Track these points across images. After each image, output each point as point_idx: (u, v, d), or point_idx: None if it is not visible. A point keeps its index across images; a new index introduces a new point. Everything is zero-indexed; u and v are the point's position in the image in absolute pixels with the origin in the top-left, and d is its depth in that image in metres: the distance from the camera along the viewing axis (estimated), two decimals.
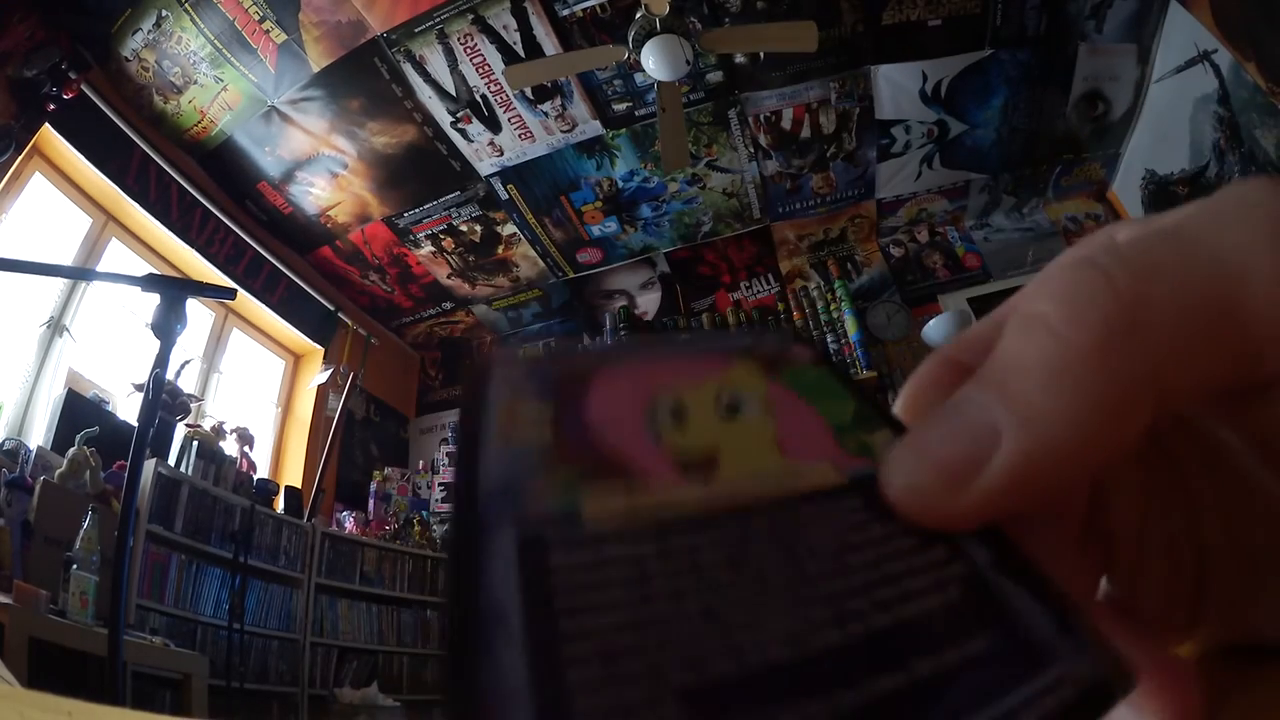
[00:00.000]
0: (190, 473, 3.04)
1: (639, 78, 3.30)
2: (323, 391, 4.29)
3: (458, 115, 3.48)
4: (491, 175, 3.85)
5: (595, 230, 4.32)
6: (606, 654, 0.11)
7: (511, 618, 0.11)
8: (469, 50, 3.16)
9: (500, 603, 0.11)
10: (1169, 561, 0.16)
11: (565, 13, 3.00)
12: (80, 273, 2.92)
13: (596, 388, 0.16)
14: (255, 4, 2.92)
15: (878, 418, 0.17)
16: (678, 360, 0.18)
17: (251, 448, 3.63)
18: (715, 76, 3.41)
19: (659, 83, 2.94)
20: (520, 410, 0.15)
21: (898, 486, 0.14)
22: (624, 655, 0.11)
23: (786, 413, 0.16)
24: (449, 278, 4.62)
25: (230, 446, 3.48)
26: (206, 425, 3.42)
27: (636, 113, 3.56)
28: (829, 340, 4.19)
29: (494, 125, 3.55)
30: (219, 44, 3.07)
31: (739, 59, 3.32)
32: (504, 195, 3.98)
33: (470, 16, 3.01)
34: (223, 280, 3.64)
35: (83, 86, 2.94)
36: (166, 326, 1.26)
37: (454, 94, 3.37)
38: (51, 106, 2.84)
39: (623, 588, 0.12)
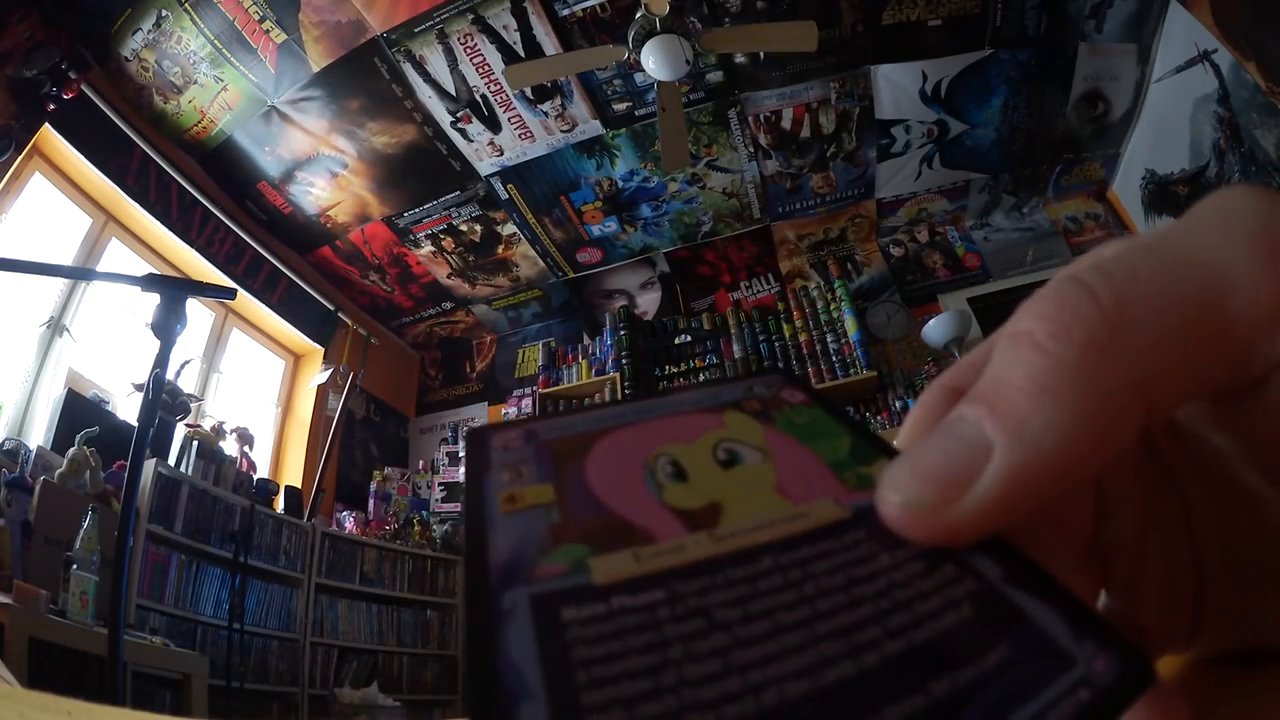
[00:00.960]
0: (190, 473, 3.04)
1: (639, 77, 3.30)
2: (323, 391, 4.29)
3: (458, 115, 3.48)
4: (491, 175, 3.85)
5: (595, 230, 4.32)
6: (626, 702, 0.11)
7: (530, 674, 0.11)
8: (469, 50, 3.16)
9: (518, 662, 0.12)
10: (1167, 572, 0.16)
11: (565, 12, 3.00)
12: (80, 273, 2.92)
13: (594, 459, 0.17)
14: (255, 4, 2.91)
15: (873, 448, 0.17)
16: (670, 420, 0.19)
17: (251, 448, 3.63)
18: (715, 76, 3.41)
19: (659, 82, 2.94)
20: (522, 496, 0.16)
21: (893, 504, 0.14)
22: (642, 701, 0.11)
23: (784, 456, 0.17)
24: (449, 277, 4.61)
25: (230, 446, 3.48)
26: (206, 425, 3.42)
27: (636, 112, 3.56)
28: (829, 340, 4.19)
29: (494, 125, 3.55)
30: (219, 44, 3.07)
31: (739, 59, 3.32)
32: (504, 195, 3.98)
33: (470, 16, 3.01)
34: (223, 280, 3.64)
35: (83, 86, 2.94)
36: (166, 326, 1.26)
37: (454, 94, 3.37)
38: (51, 106, 2.84)
39: (636, 635, 0.12)
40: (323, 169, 3.74)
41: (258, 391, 4.23)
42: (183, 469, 3.03)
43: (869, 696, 0.11)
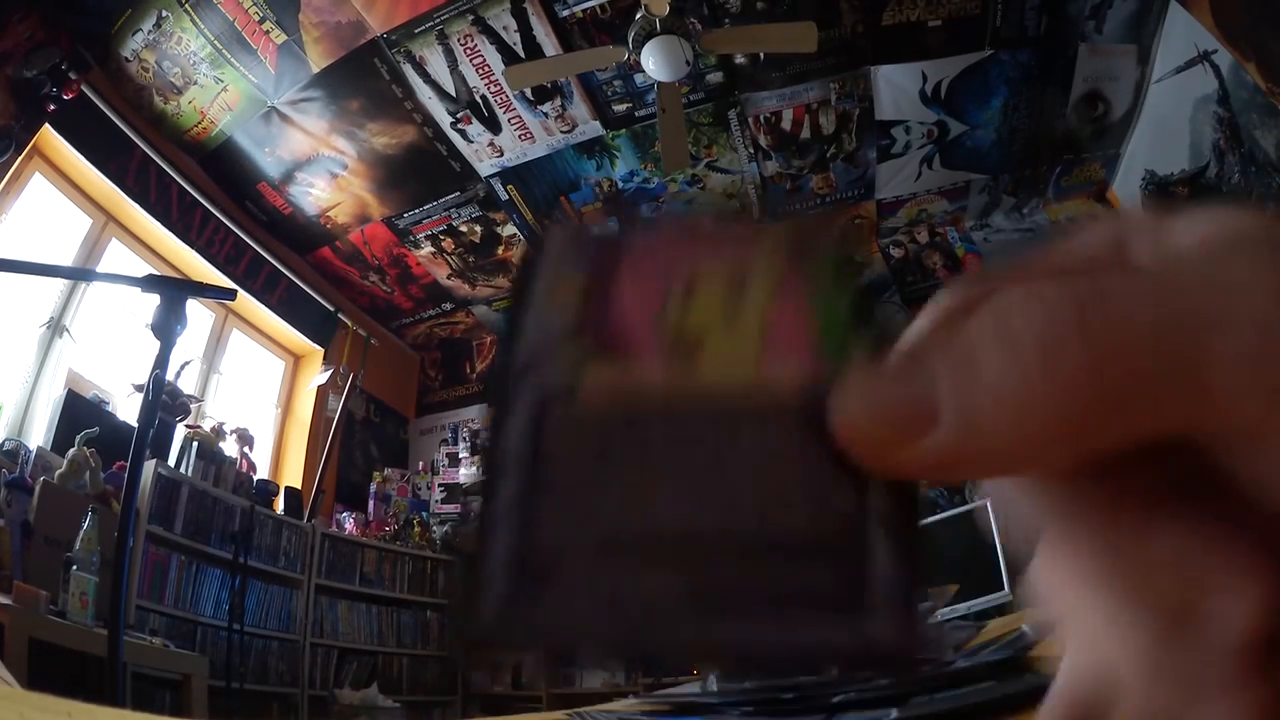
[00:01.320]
0: (190, 473, 3.04)
1: (639, 78, 3.30)
2: (322, 392, 4.29)
3: (458, 116, 3.48)
4: (491, 176, 3.85)
5: None
6: (569, 491, 0.15)
7: (519, 454, 0.15)
8: (469, 51, 3.17)
9: (514, 441, 0.15)
10: None
11: (565, 13, 3.01)
12: (80, 273, 2.93)
13: (630, 263, 0.17)
14: (255, 4, 2.92)
15: (868, 328, 0.17)
16: (720, 235, 0.18)
17: (251, 448, 3.63)
18: (715, 77, 3.41)
19: (659, 83, 2.94)
20: (562, 279, 0.17)
21: (841, 417, 0.14)
22: (582, 494, 0.15)
23: (786, 303, 0.17)
24: (449, 278, 4.62)
25: (230, 447, 3.48)
26: (206, 426, 3.42)
27: (636, 113, 3.56)
28: None
29: (494, 126, 3.55)
30: (219, 44, 3.07)
31: (739, 60, 3.32)
32: (504, 196, 3.98)
33: (470, 17, 3.01)
34: (223, 281, 3.64)
35: (83, 87, 2.94)
36: (166, 327, 1.26)
37: (454, 94, 3.37)
38: (51, 107, 2.84)
39: (590, 448, 0.15)
40: (323, 170, 3.74)
41: (257, 392, 4.23)
42: (183, 470, 3.03)
43: (717, 555, 0.14)
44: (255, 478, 3.56)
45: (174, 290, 1.29)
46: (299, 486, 3.89)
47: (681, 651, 0.14)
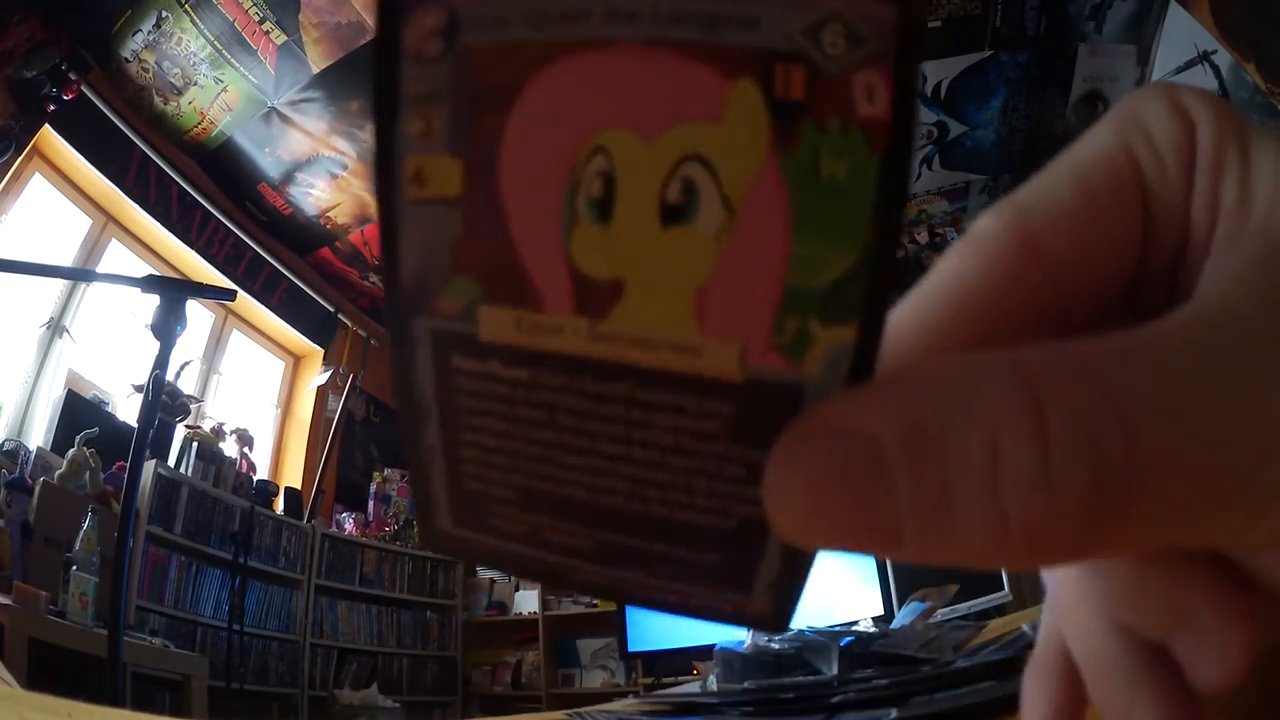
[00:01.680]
0: (190, 474, 3.04)
1: None
2: (322, 392, 4.29)
3: None
4: None
5: None
6: (485, 449, 0.14)
7: (429, 403, 0.14)
8: None
9: (423, 389, 0.14)
10: None
11: None
12: (80, 274, 2.92)
13: (518, 124, 0.12)
14: (255, 5, 2.92)
15: (861, 302, 0.12)
16: (657, 55, 0.11)
17: (251, 449, 3.63)
18: None
19: None
20: (430, 176, 0.13)
21: (778, 499, 0.12)
22: (493, 453, 0.14)
23: (749, 235, 0.12)
24: None
25: (230, 447, 3.48)
26: (206, 426, 3.42)
27: None
28: None
29: None
30: (219, 45, 3.07)
31: None
32: None
33: None
34: (222, 281, 3.64)
35: (83, 87, 2.94)
36: (166, 327, 1.26)
37: None
38: (51, 107, 2.84)
39: (497, 403, 0.14)
40: (323, 170, 3.74)
41: (257, 393, 4.23)
42: (182, 470, 3.03)
43: (619, 523, 0.14)
44: (255, 478, 3.56)
45: (174, 291, 1.29)
46: (299, 487, 3.89)
47: (591, 590, 0.16)
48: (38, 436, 2.69)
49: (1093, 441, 0.10)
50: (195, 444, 3.15)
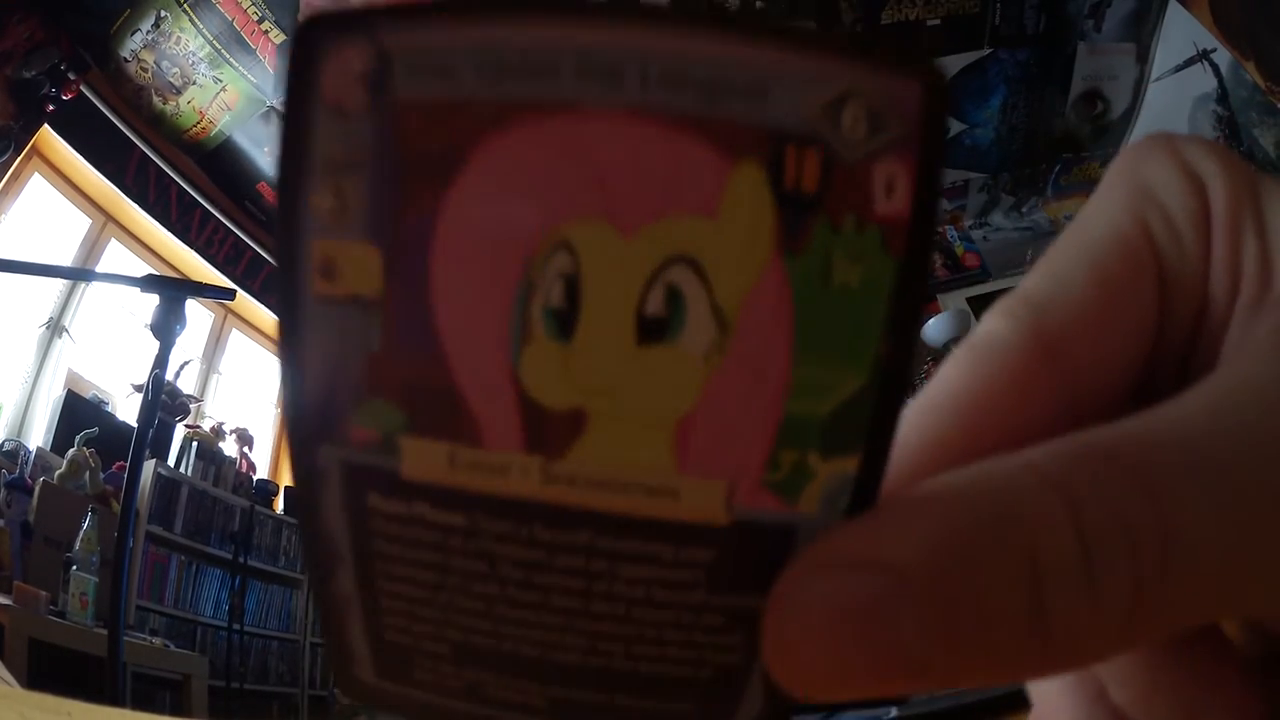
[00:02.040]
0: (190, 473, 3.04)
1: None
2: None
3: None
4: None
5: None
6: (409, 599, 0.12)
7: (342, 547, 0.12)
8: None
9: (332, 530, 0.11)
10: None
11: None
12: (79, 273, 2.92)
13: (453, 209, 0.10)
14: (254, 4, 2.91)
15: (866, 429, 0.10)
16: (638, 128, 0.09)
17: (251, 448, 3.63)
18: None
19: None
20: (341, 266, 0.10)
21: (781, 647, 0.10)
22: (420, 605, 0.12)
23: (746, 353, 0.10)
24: None
25: (230, 447, 3.48)
26: (206, 426, 3.42)
27: None
28: None
29: None
30: (218, 45, 3.07)
31: None
32: None
33: None
34: (222, 281, 3.64)
35: (82, 87, 2.94)
36: (166, 327, 1.26)
37: None
38: (51, 107, 2.84)
39: (427, 551, 0.11)
40: None
41: (257, 392, 4.23)
42: (182, 470, 3.03)
43: (576, 678, 0.12)
44: (255, 477, 3.55)
45: (173, 290, 1.29)
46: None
47: None
48: (37, 436, 2.68)
49: (1128, 529, 0.10)
50: (195, 444, 3.15)
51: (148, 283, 1.30)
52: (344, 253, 0.10)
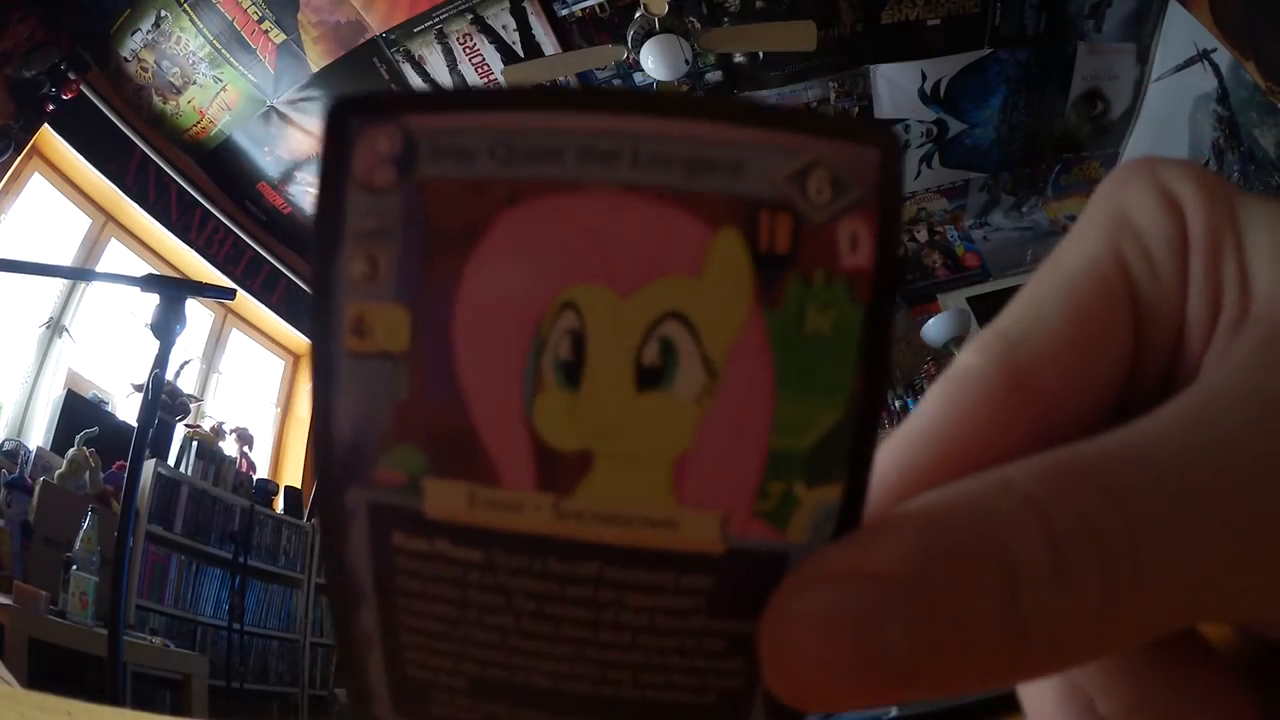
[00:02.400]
0: (190, 473, 3.04)
1: (638, 77, 3.29)
2: None
3: None
4: None
5: None
6: (428, 634, 0.13)
7: (365, 584, 0.12)
8: (468, 50, 3.16)
9: (357, 568, 0.12)
10: None
11: (564, 12, 3.00)
12: (80, 273, 2.92)
13: (475, 273, 0.11)
14: (254, 4, 2.91)
15: (846, 459, 0.11)
16: (631, 201, 0.11)
17: (251, 448, 3.63)
18: (714, 76, 3.41)
19: (658, 83, 2.93)
20: (372, 326, 0.12)
21: (779, 659, 0.11)
22: (440, 639, 0.13)
23: (733, 396, 0.11)
24: None
25: (230, 447, 3.48)
26: (206, 425, 3.42)
27: None
28: None
29: None
30: (218, 44, 3.07)
31: (738, 58, 3.32)
32: None
33: (469, 16, 3.01)
34: (222, 280, 3.64)
35: (82, 87, 2.94)
36: (166, 327, 1.26)
37: None
38: (51, 107, 2.84)
39: (446, 586, 0.12)
40: None
41: (257, 392, 4.23)
42: (182, 469, 3.03)
43: (583, 705, 0.13)
44: (255, 477, 3.55)
45: (173, 290, 1.29)
46: (299, 486, 3.89)
47: None
48: (37, 436, 2.68)
49: (1096, 534, 0.10)
50: (195, 443, 3.15)
51: (148, 282, 1.30)
52: (375, 313, 0.12)
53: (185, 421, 3.23)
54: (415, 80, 3.27)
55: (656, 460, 0.11)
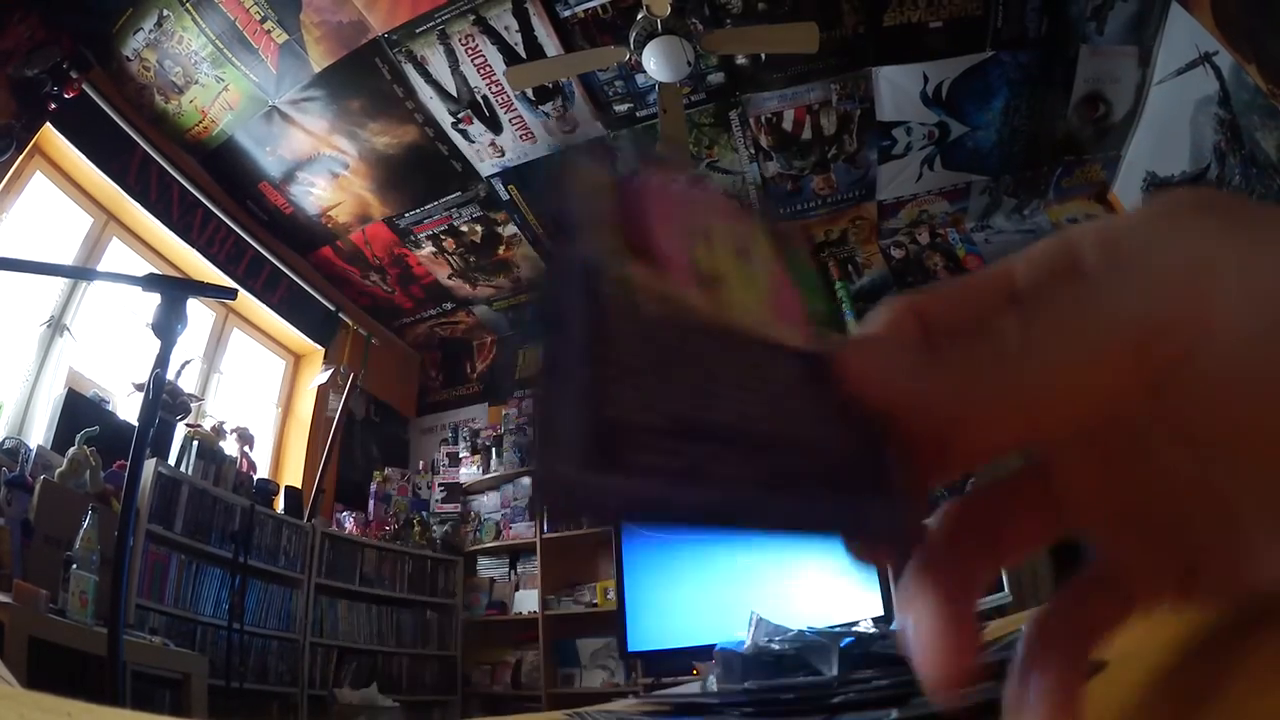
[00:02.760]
0: (190, 473, 3.04)
1: (640, 79, 3.30)
2: (323, 392, 4.29)
3: (459, 116, 3.48)
4: (492, 176, 3.85)
5: None
6: (633, 377, 0.15)
7: (576, 313, 0.16)
8: (470, 51, 3.17)
9: (570, 300, 0.16)
10: (1140, 530, 0.18)
11: (567, 14, 3.00)
12: (81, 272, 2.93)
13: (659, 187, 0.19)
14: (256, 4, 2.92)
15: (839, 322, 0.19)
16: (725, 198, 0.21)
17: (251, 448, 3.63)
18: (716, 78, 3.41)
19: (660, 84, 2.94)
20: (594, 181, 0.18)
21: (851, 365, 0.18)
22: (644, 383, 0.16)
23: (781, 282, 0.20)
24: (450, 278, 4.62)
25: (230, 446, 3.48)
26: (207, 425, 3.42)
27: (638, 114, 3.56)
28: None
29: (495, 126, 3.55)
30: (220, 44, 3.07)
31: (740, 60, 3.32)
32: (505, 196, 3.98)
33: (471, 17, 3.01)
34: (223, 280, 3.65)
35: (84, 86, 2.94)
36: (167, 326, 1.27)
37: (455, 94, 3.37)
38: (53, 106, 2.85)
39: (650, 348, 0.16)
40: (324, 169, 3.74)
41: (258, 391, 4.23)
42: (183, 469, 3.03)
43: (761, 443, 0.17)
44: (255, 477, 3.56)
45: (175, 289, 1.29)
46: (299, 486, 3.90)
47: (750, 523, 0.16)
48: (38, 435, 2.69)
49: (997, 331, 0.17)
50: (196, 443, 3.15)
51: (149, 282, 1.30)
52: (597, 177, 0.19)
53: (186, 421, 3.23)
54: (417, 80, 3.28)
55: (758, 288, 0.20)
